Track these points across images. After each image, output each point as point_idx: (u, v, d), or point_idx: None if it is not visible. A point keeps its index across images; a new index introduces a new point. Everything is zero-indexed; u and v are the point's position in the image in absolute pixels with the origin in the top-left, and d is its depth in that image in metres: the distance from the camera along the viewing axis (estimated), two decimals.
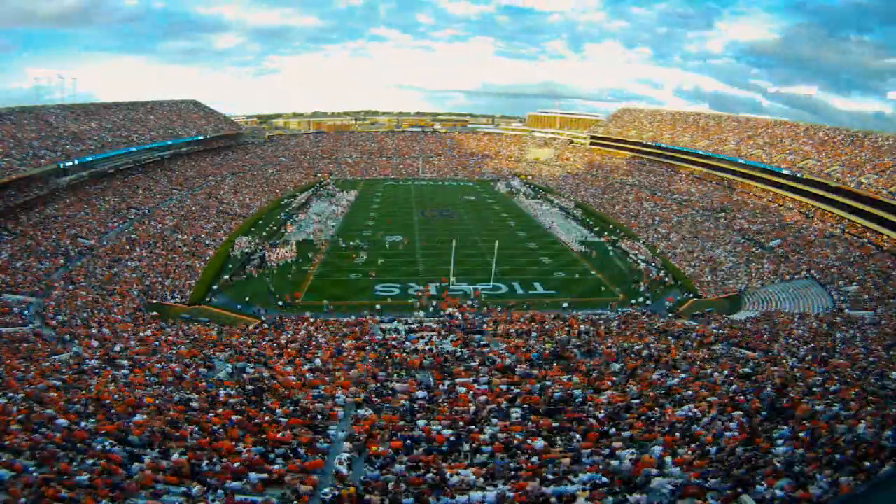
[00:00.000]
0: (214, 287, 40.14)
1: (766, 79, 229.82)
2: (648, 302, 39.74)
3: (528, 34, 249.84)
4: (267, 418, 14.68)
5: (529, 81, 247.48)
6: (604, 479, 11.19)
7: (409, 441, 13.46)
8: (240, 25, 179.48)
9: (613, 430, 14.20)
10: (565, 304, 37.60)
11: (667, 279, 44.71)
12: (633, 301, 39.65)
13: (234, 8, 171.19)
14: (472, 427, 14.53)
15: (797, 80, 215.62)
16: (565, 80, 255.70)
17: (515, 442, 13.43)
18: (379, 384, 19.01)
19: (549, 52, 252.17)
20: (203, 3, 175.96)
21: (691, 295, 41.97)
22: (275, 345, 25.55)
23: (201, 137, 79.76)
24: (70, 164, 51.92)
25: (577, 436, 13.97)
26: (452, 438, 13.64)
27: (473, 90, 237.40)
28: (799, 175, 55.82)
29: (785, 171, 57.96)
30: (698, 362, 21.32)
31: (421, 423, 14.89)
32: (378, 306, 36.31)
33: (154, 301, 35.84)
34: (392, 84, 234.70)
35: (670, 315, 36.12)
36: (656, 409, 15.72)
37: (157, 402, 15.39)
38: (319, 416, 15.23)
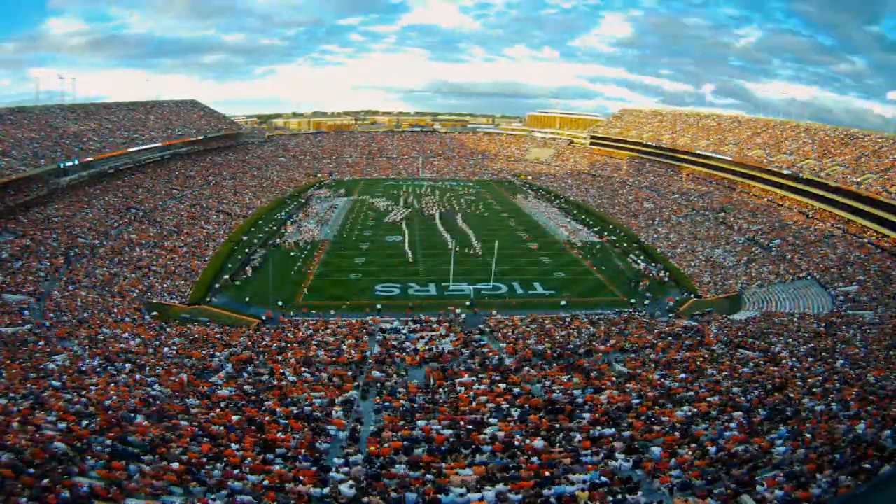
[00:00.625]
0: (216, 286, 40.17)
1: (666, 67, 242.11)
2: (647, 302, 39.74)
3: (446, 43, 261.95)
4: (267, 418, 14.68)
5: (485, 80, 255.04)
6: (604, 479, 11.19)
7: (408, 441, 13.46)
8: (218, 45, 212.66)
9: (613, 430, 14.20)
10: (563, 303, 37.66)
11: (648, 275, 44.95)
12: (632, 301, 39.67)
13: (208, 33, 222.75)
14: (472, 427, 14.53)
15: (693, 69, 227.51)
16: (516, 78, 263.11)
17: (516, 442, 13.43)
18: (380, 384, 19.04)
19: (475, 55, 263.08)
20: (186, 29, 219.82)
21: (691, 295, 41.97)
22: (274, 345, 25.56)
23: (201, 137, 79.72)
24: (70, 164, 51.92)
25: (578, 436, 13.97)
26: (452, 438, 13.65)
27: (435, 89, 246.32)
28: (799, 175, 55.83)
29: (785, 171, 57.95)
30: (698, 362, 21.33)
31: (421, 423, 14.89)
32: (378, 306, 36.31)
33: (154, 301, 35.84)
34: (361, 86, 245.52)
35: (670, 315, 36.12)
36: (656, 409, 15.72)
37: (157, 402, 15.39)
38: (319, 417, 15.24)
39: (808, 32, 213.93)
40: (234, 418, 14.54)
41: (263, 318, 33.99)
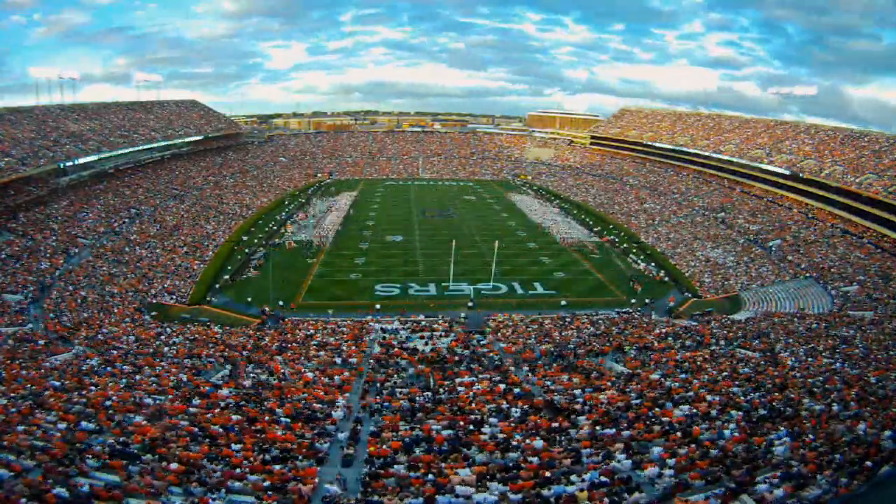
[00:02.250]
0: (216, 286, 40.15)
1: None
2: (647, 301, 39.70)
3: (331, 58, 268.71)
4: (267, 418, 14.68)
5: (410, 80, 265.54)
6: (604, 479, 11.19)
7: (408, 441, 13.45)
8: (192, 75, 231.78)
9: (613, 430, 14.19)
10: (564, 303, 37.62)
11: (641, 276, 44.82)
12: (633, 301, 39.62)
13: (183, 69, 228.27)
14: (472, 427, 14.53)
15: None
16: (426, 80, 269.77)
17: (515, 442, 13.42)
18: (379, 384, 19.03)
19: (364, 65, 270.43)
20: (178, 66, 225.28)
21: (691, 295, 41.95)
22: (274, 345, 25.56)
23: (201, 137, 79.72)
24: (70, 164, 51.91)
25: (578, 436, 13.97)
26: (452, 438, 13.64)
27: (368, 91, 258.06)
28: (799, 175, 55.82)
29: (785, 171, 57.95)
30: (698, 362, 21.33)
31: (421, 423, 14.88)
32: (378, 306, 36.31)
33: (154, 301, 35.83)
34: (302, 90, 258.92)
35: (669, 315, 36.09)
36: (656, 409, 15.71)
37: (157, 402, 15.39)
38: (319, 417, 15.24)
39: None
40: (234, 418, 14.54)
41: (264, 318, 33.93)
